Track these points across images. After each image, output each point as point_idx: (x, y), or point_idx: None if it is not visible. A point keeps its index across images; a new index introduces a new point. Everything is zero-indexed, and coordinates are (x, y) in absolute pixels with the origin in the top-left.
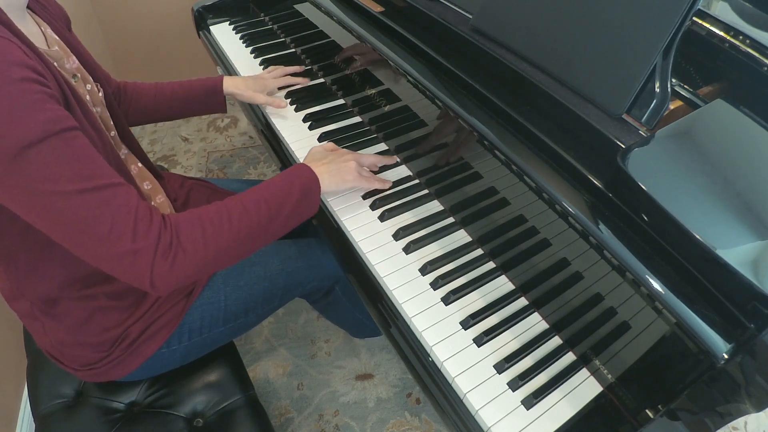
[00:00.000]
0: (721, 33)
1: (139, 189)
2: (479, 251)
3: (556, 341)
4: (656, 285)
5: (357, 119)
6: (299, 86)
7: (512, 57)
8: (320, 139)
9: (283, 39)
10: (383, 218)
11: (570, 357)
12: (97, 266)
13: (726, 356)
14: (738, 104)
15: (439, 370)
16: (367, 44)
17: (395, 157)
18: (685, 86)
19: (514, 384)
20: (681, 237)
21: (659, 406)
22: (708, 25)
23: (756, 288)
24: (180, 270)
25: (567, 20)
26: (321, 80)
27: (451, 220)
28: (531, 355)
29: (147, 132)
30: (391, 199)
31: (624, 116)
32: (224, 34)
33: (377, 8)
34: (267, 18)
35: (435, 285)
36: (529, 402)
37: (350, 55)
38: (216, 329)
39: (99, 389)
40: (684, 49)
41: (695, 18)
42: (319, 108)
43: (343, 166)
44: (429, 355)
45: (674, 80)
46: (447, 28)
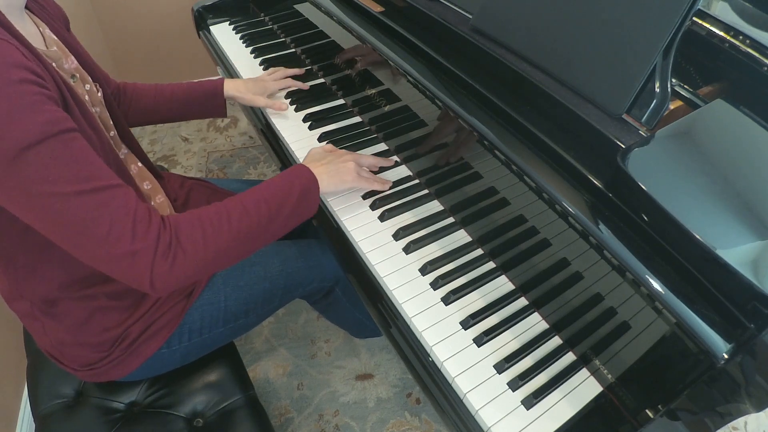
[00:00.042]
0: (721, 33)
1: (139, 189)
2: (479, 251)
3: (556, 341)
4: (656, 285)
5: (357, 119)
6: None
7: (512, 57)
8: (320, 139)
9: (283, 39)
10: (383, 218)
11: (570, 357)
12: (97, 268)
13: (726, 356)
14: (738, 104)
15: (439, 370)
16: (367, 44)
17: (393, 160)
18: (685, 86)
19: (514, 384)
20: (681, 237)
21: (659, 406)
22: (708, 25)
23: (756, 288)
24: (180, 270)
25: (567, 20)
26: (321, 80)
27: (451, 220)
28: (531, 355)
29: (147, 132)
30: (391, 199)
31: (624, 116)
32: (224, 34)
33: (377, 8)
34: (267, 18)
35: (435, 285)
36: (529, 402)
37: (350, 55)
38: (216, 330)
39: (99, 389)
40: (684, 49)
41: (695, 18)
42: (319, 108)
43: (342, 167)
44: (429, 355)
45: (674, 80)
46: (447, 28)
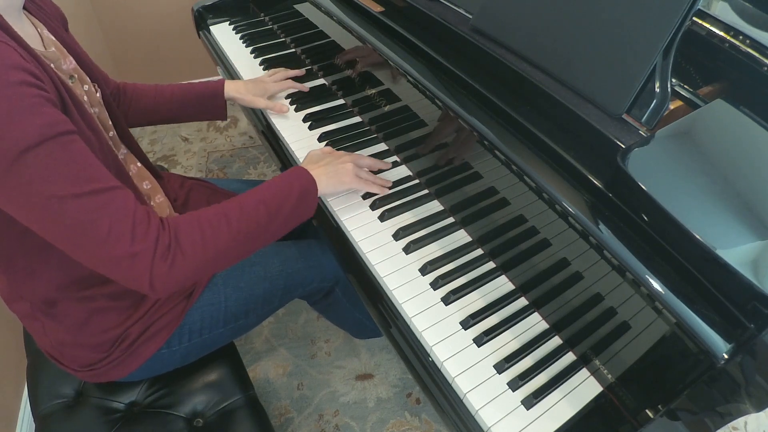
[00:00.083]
0: (721, 33)
1: (138, 189)
2: (479, 251)
3: (556, 341)
4: (656, 285)
5: (357, 119)
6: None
7: (512, 57)
8: (320, 139)
9: (283, 39)
10: (383, 218)
11: (570, 357)
12: (96, 270)
13: (726, 356)
14: (738, 104)
15: (439, 370)
16: (367, 44)
17: (389, 163)
18: (685, 86)
19: (514, 384)
20: (681, 237)
21: (659, 406)
22: (708, 25)
23: (756, 288)
24: (179, 272)
25: (567, 20)
26: (321, 80)
27: (451, 220)
28: (531, 355)
29: (147, 132)
30: (391, 199)
31: (624, 116)
32: (224, 34)
33: (377, 8)
34: (267, 18)
35: (435, 285)
36: (529, 402)
37: (350, 56)
38: (216, 330)
39: (99, 389)
40: (684, 49)
41: (695, 18)
42: (319, 108)
43: (340, 168)
44: (429, 355)
45: (674, 80)
46: (447, 28)
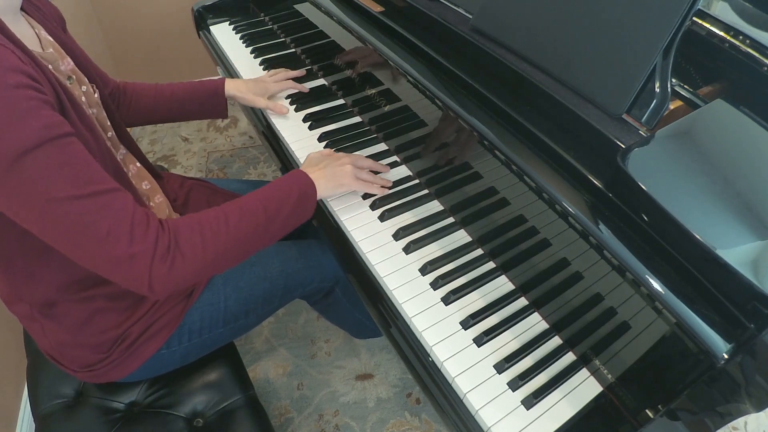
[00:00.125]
0: (721, 33)
1: (138, 189)
2: (479, 251)
3: (556, 341)
4: (656, 285)
5: (357, 119)
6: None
7: (512, 57)
8: (320, 139)
9: (283, 39)
10: (383, 218)
11: (570, 357)
12: (95, 271)
13: (726, 356)
14: (738, 104)
15: (439, 370)
16: (367, 44)
17: (387, 167)
18: (685, 86)
19: (514, 384)
20: (681, 237)
21: (659, 406)
22: (708, 25)
23: (756, 288)
24: (178, 273)
25: (567, 20)
26: (321, 80)
27: (451, 220)
28: (531, 355)
29: (147, 132)
30: (391, 199)
31: (624, 116)
32: (224, 34)
33: (377, 8)
34: (267, 18)
35: (435, 285)
36: (529, 402)
37: (350, 56)
38: (216, 330)
39: (99, 389)
40: (684, 49)
41: (695, 18)
42: (319, 108)
43: (339, 170)
44: (429, 355)
45: (674, 80)
46: (447, 28)
